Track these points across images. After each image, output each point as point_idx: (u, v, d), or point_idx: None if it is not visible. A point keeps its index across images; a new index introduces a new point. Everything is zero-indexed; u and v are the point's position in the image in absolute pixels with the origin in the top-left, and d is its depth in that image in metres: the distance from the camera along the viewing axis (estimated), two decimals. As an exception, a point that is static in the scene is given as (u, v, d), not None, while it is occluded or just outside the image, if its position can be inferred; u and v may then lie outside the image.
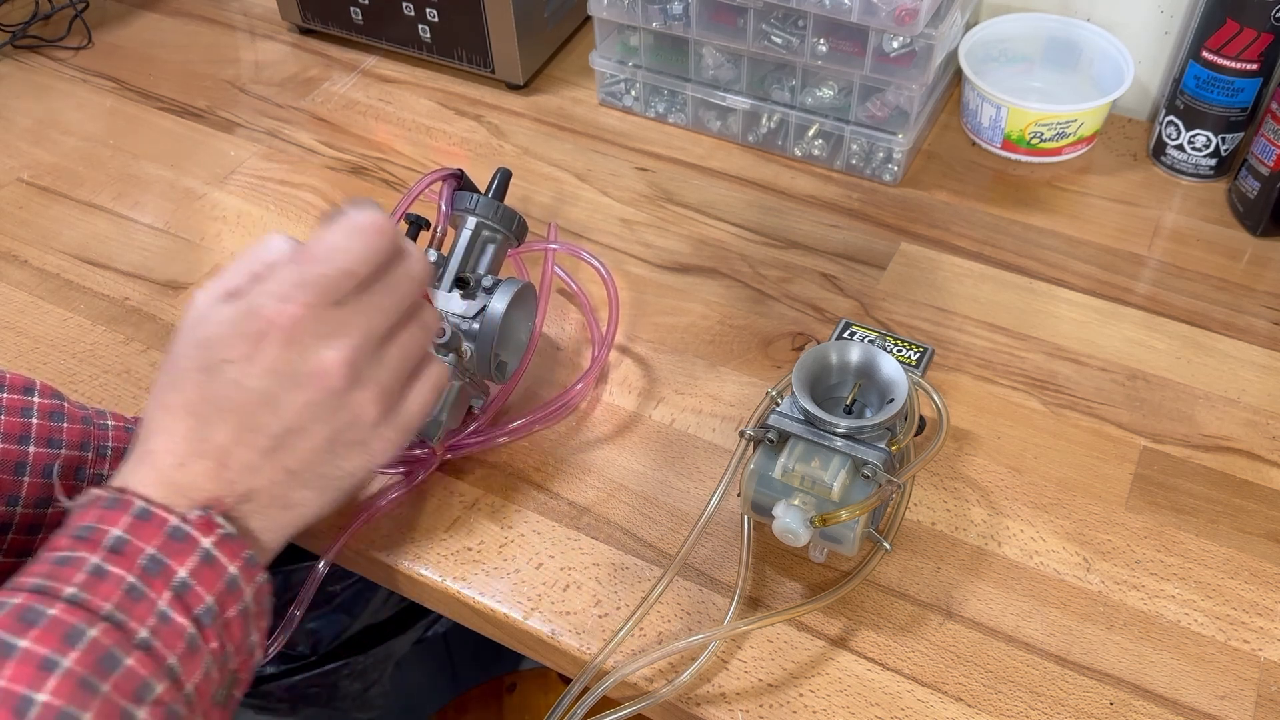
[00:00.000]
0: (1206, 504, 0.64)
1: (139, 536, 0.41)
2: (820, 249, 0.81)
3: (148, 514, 0.41)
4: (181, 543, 0.41)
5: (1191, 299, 0.76)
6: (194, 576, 0.41)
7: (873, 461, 0.55)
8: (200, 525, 0.42)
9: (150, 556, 0.40)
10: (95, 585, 0.39)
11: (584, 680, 0.56)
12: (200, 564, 0.41)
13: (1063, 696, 0.56)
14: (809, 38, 0.81)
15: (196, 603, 0.41)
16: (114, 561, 0.40)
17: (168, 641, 0.40)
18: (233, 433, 0.43)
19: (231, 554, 0.42)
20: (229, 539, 0.42)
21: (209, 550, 0.42)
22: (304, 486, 0.46)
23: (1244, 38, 0.77)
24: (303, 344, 0.43)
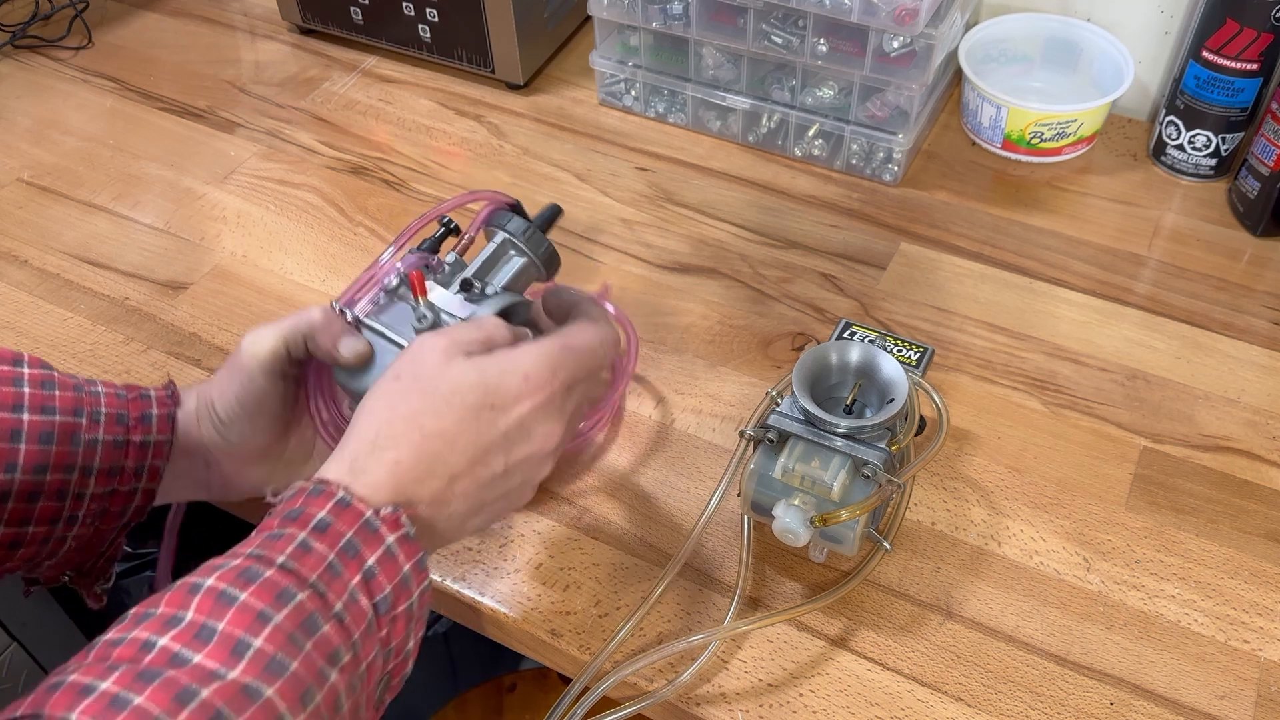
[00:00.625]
0: (1206, 504, 0.64)
1: (340, 520, 0.45)
2: (820, 249, 0.81)
3: (348, 503, 0.46)
4: (372, 533, 0.45)
5: (1191, 299, 0.76)
6: (378, 565, 0.45)
7: (873, 461, 0.55)
8: (388, 521, 0.46)
9: (348, 540, 0.45)
10: (302, 556, 0.44)
11: (584, 680, 0.56)
12: (384, 555, 0.45)
13: (1063, 696, 0.56)
14: (809, 38, 0.81)
15: (378, 590, 0.45)
16: (318, 539, 0.44)
17: (355, 618, 0.44)
18: (470, 464, 0.50)
19: (407, 553, 0.46)
20: (407, 539, 0.46)
21: (391, 545, 0.46)
22: (478, 514, 0.52)
23: (1244, 38, 0.77)
24: (550, 410, 0.52)
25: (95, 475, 0.56)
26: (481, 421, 0.50)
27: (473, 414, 0.50)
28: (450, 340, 0.52)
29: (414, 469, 0.48)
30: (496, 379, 0.51)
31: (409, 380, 0.51)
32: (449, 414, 0.50)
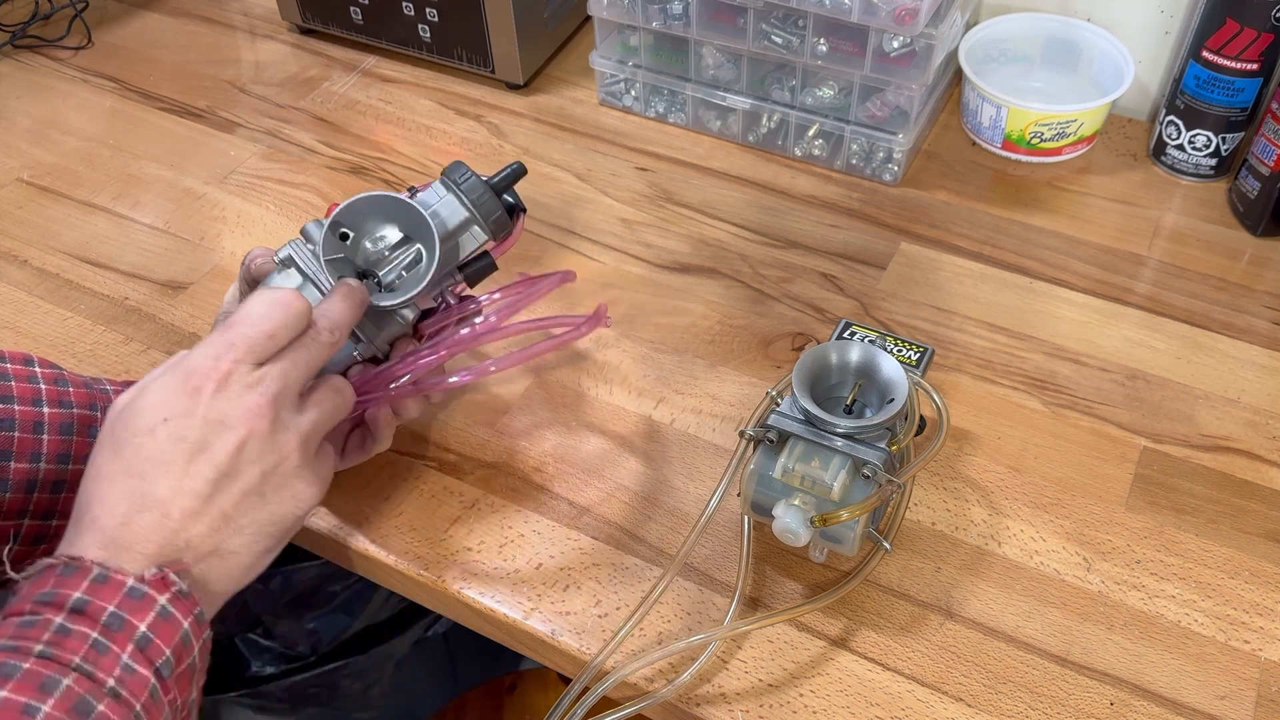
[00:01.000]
0: (1206, 504, 0.64)
1: (99, 597, 0.44)
2: (820, 249, 0.81)
3: (105, 577, 0.44)
4: (139, 600, 0.44)
5: (1191, 299, 0.76)
6: (153, 630, 0.44)
7: (873, 461, 0.55)
8: (155, 583, 0.45)
9: (111, 614, 0.43)
10: (62, 641, 0.42)
11: (584, 680, 0.56)
12: (158, 619, 0.44)
13: (1063, 696, 0.56)
14: (809, 38, 0.81)
15: (157, 655, 0.44)
16: (77, 620, 0.43)
17: (134, 690, 0.42)
18: (174, 483, 0.48)
19: (185, 610, 0.45)
20: (181, 596, 0.45)
21: (165, 606, 0.45)
22: (239, 533, 0.49)
23: (1244, 37, 0.77)
24: (232, 392, 0.49)
25: None
26: (159, 438, 0.48)
27: (148, 435, 0.48)
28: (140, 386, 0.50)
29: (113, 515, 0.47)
30: (159, 389, 0.49)
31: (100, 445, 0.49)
32: (127, 448, 0.48)
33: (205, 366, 0.49)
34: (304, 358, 0.53)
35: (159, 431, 0.48)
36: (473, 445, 0.68)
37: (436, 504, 0.65)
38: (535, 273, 0.64)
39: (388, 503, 0.65)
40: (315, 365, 0.54)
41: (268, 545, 0.51)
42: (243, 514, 0.50)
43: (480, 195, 0.60)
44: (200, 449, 0.48)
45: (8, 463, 0.54)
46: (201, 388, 0.49)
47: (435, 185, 0.61)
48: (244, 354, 0.50)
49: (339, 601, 1.04)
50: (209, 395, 0.49)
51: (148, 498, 0.47)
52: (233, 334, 0.51)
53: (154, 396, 0.49)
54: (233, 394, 0.49)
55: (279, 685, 1.05)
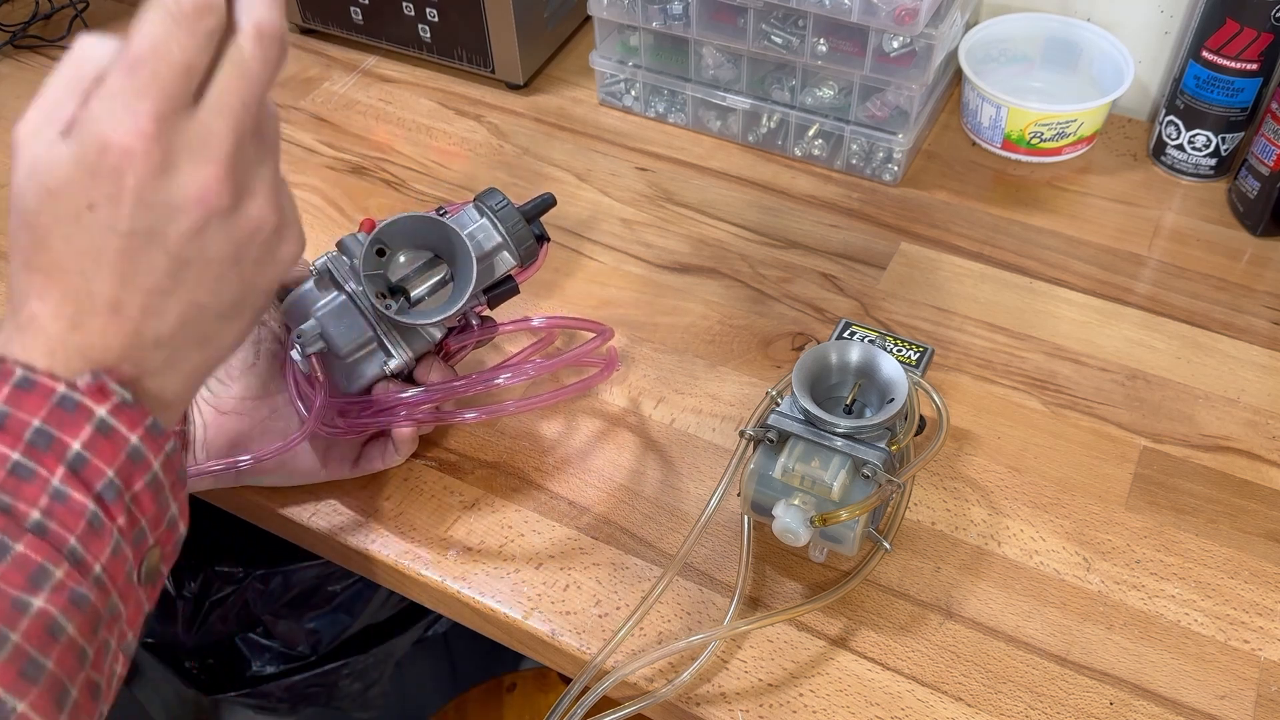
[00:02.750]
0: (1206, 504, 0.64)
1: (21, 408, 0.36)
2: (820, 249, 0.81)
3: (30, 383, 0.37)
4: (71, 413, 0.37)
5: (1191, 299, 0.76)
6: (89, 449, 0.37)
7: (873, 461, 0.55)
8: (91, 393, 0.37)
9: (36, 430, 0.36)
10: None
11: (584, 680, 0.56)
12: (95, 435, 0.37)
13: (1063, 696, 0.56)
14: (809, 38, 0.81)
15: (96, 478, 0.37)
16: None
17: (65, 521, 0.36)
18: (118, 280, 0.38)
19: (130, 422, 0.38)
20: (125, 406, 0.38)
21: (104, 419, 0.37)
22: (220, 318, 0.41)
23: (1244, 37, 0.77)
24: (168, 164, 0.38)
25: None
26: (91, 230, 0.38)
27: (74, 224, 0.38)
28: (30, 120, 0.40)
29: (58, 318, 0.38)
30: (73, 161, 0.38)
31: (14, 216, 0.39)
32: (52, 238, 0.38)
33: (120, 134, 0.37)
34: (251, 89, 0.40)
35: (87, 221, 0.38)
36: (473, 445, 0.68)
37: (436, 504, 0.65)
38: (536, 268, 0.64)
39: (388, 503, 0.65)
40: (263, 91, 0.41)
41: (247, 323, 0.43)
42: (219, 297, 0.41)
43: (515, 223, 0.62)
44: (147, 240, 0.38)
45: None
46: (123, 165, 0.37)
47: (469, 209, 0.63)
48: (164, 104, 0.38)
49: (339, 601, 1.04)
50: (139, 173, 0.38)
51: (95, 298, 0.38)
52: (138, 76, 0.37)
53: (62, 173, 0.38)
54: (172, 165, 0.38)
55: (279, 685, 1.05)
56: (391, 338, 0.60)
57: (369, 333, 0.60)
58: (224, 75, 0.39)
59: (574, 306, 0.77)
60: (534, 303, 0.77)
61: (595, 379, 0.67)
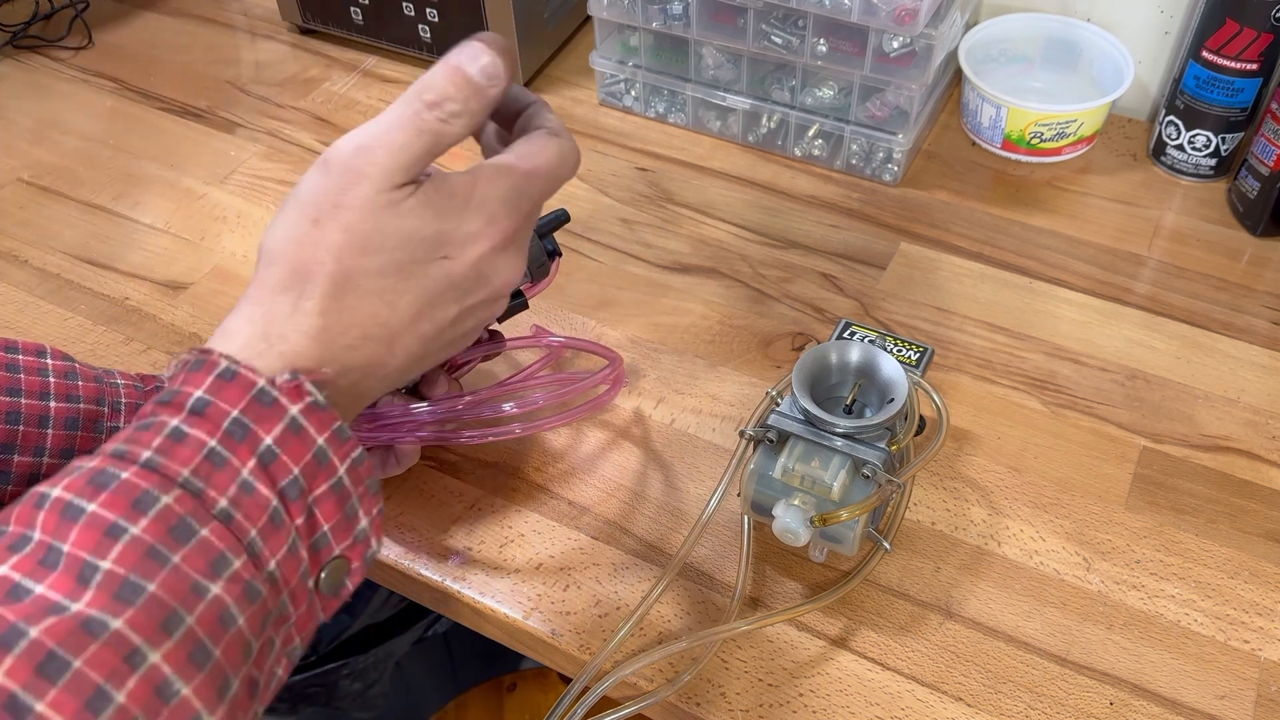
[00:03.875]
0: (1206, 504, 0.64)
1: (222, 398, 0.38)
2: (820, 249, 0.81)
3: (232, 374, 0.38)
4: (268, 407, 0.38)
5: (1191, 299, 0.76)
6: (280, 445, 0.38)
7: (873, 461, 0.55)
8: (288, 391, 0.39)
9: (235, 419, 0.38)
10: (173, 448, 0.37)
11: (584, 680, 0.56)
12: (286, 431, 0.38)
13: (1063, 696, 0.56)
14: (809, 38, 0.81)
15: (282, 474, 0.38)
16: (195, 424, 0.37)
17: (249, 513, 0.37)
18: (416, 321, 0.44)
19: (320, 424, 0.39)
20: (316, 408, 0.39)
21: (295, 417, 0.39)
22: (417, 366, 0.46)
23: (1244, 38, 0.77)
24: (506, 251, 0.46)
25: None
26: (431, 275, 0.43)
27: (420, 268, 0.43)
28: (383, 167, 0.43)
29: (346, 335, 0.42)
30: (453, 224, 0.44)
31: (335, 230, 0.42)
32: (394, 271, 0.42)
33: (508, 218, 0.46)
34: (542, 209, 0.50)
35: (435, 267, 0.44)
36: (472, 446, 0.68)
37: (436, 504, 0.65)
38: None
39: (388, 503, 0.65)
40: None
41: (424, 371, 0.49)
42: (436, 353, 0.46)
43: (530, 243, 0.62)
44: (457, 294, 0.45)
45: (11, 456, 0.54)
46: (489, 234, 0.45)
47: None
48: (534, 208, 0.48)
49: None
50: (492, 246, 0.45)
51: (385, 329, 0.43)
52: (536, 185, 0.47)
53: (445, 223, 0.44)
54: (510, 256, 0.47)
55: (279, 685, 1.05)
56: None
57: None
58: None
59: (574, 306, 0.77)
60: (534, 303, 0.77)
61: (603, 399, 0.66)
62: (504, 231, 0.46)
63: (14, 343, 0.58)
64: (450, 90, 0.44)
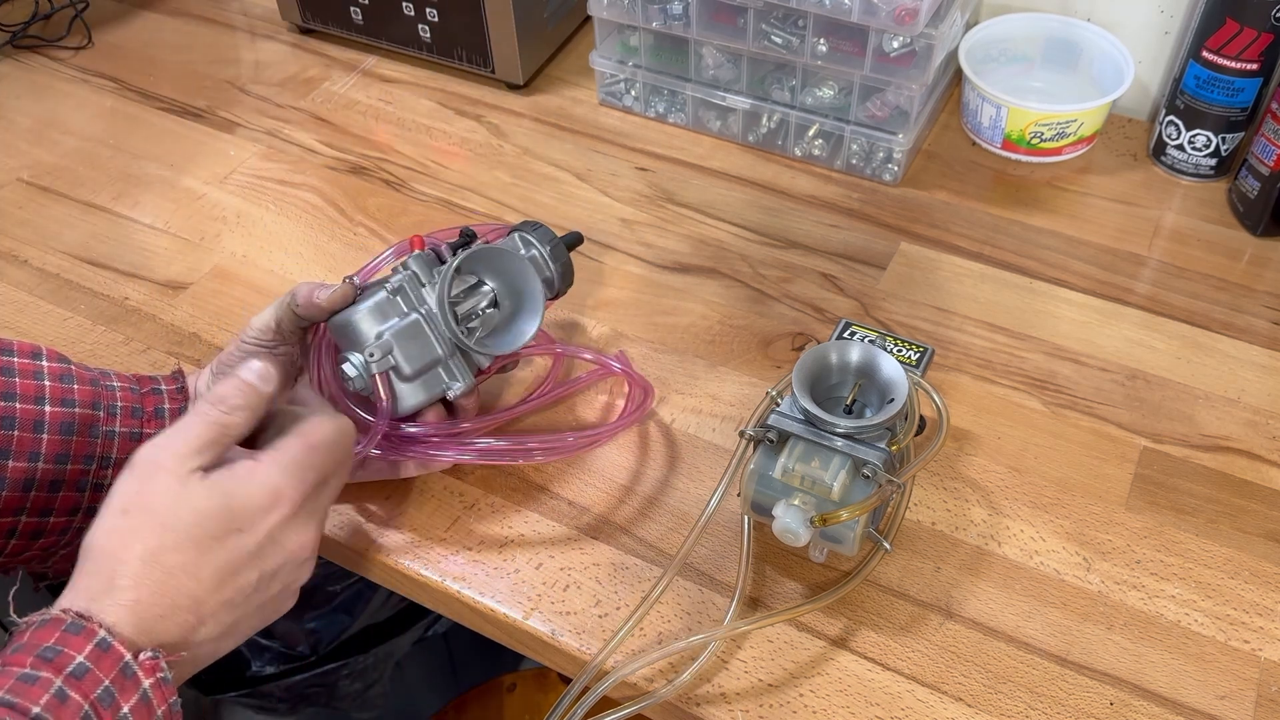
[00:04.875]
0: (1206, 504, 0.64)
1: (99, 666, 0.44)
2: (820, 249, 0.81)
3: (108, 645, 0.44)
4: (129, 679, 0.44)
5: (1191, 299, 0.76)
6: (133, 713, 0.44)
7: (873, 461, 0.55)
8: (146, 667, 0.45)
9: (105, 689, 0.44)
10: (59, 708, 0.42)
11: (584, 680, 0.56)
12: (139, 702, 0.44)
13: (1063, 696, 0.56)
14: (809, 38, 0.81)
15: None
16: (75, 687, 0.43)
17: None
18: (220, 591, 0.48)
19: (161, 697, 0.45)
20: (163, 683, 0.45)
21: (147, 690, 0.45)
22: (233, 635, 0.50)
23: (1244, 38, 0.77)
24: (299, 520, 0.51)
25: (113, 466, 0.58)
26: (228, 547, 0.48)
27: (217, 542, 0.48)
28: (176, 453, 0.49)
29: (155, 606, 0.46)
30: (242, 500, 0.49)
31: (140, 515, 0.48)
32: (190, 547, 0.48)
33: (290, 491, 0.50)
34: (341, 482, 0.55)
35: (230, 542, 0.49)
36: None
37: (436, 504, 0.65)
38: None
39: (388, 502, 0.65)
40: None
41: (246, 637, 0.52)
42: (250, 617, 0.51)
43: (564, 262, 0.65)
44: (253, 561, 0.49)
45: (6, 460, 0.54)
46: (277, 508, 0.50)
47: (516, 238, 0.64)
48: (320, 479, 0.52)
49: (339, 601, 1.04)
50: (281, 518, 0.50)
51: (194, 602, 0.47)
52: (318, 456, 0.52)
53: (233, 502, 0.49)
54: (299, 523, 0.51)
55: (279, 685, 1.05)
56: (456, 362, 0.61)
57: (438, 354, 0.60)
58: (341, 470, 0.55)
59: (574, 306, 0.77)
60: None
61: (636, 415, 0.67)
62: (292, 502, 0.50)
63: (9, 344, 0.57)
64: (231, 391, 0.51)
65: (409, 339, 0.59)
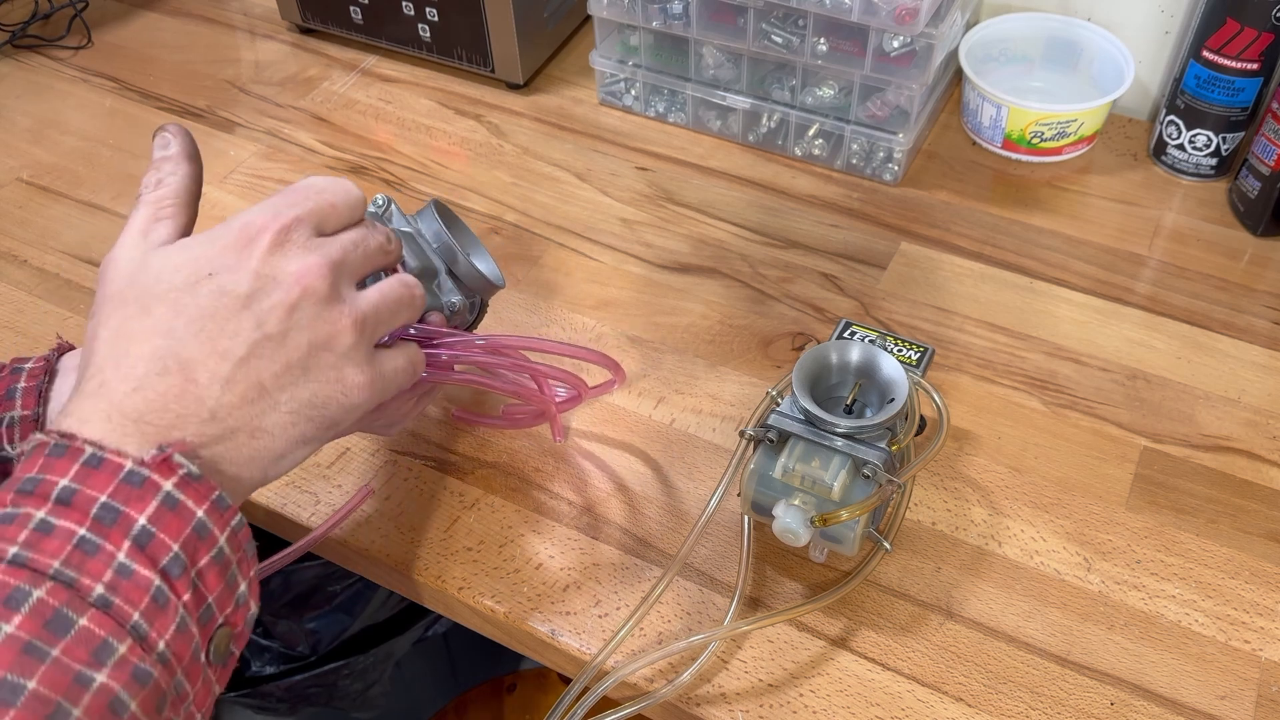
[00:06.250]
0: (1206, 504, 0.64)
1: (89, 485, 0.37)
2: (820, 249, 0.81)
3: (98, 460, 0.38)
4: (138, 487, 0.38)
5: (1192, 299, 0.76)
6: (155, 523, 0.38)
7: (873, 461, 0.55)
8: (158, 466, 0.38)
9: (103, 505, 0.37)
10: (40, 542, 0.36)
11: (584, 680, 0.56)
12: (161, 509, 0.38)
13: (1063, 696, 0.56)
14: (809, 37, 0.81)
15: (161, 552, 0.37)
16: (61, 514, 0.37)
17: (129, 596, 0.36)
18: (208, 341, 0.41)
19: (197, 496, 0.39)
20: (191, 480, 0.39)
21: (170, 493, 0.38)
22: (274, 409, 0.43)
23: (1244, 37, 0.77)
24: (289, 250, 0.44)
25: None
26: (201, 292, 0.42)
27: (186, 292, 0.42)
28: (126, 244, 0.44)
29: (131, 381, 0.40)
30: (207, 247, 0.43)
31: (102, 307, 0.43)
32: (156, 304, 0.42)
33: (263, 219, 0.44)
34: (365, 243, 0.48)
35: (202, 287, 0.42)
36: (473, 445, 0.68)
37: (436, 504, 0.65)
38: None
39: (388, 502, 0.65)
40: (374, 259, 0.48)
41: (306, 432, 0.44)
42: (281, 387, 0.43)
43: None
44: (245, 305, 0.42)
45: None
46: (256, 240, 0.43)
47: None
48: (306, 215, 0.45)
49: (339, 601, 1.04)
50: (264, 249, 0.43)
51: (171, 358, 0.41)
52: (294, 195, 0.46)
53: (197, 250, 0.43)
54: (291, 251, 0.44)
55: (279, 685, 1.05)
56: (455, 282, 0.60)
57: (435, 265, 0.60)
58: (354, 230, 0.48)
59: (574, 306, 0.76)
60: (533, 303, 0.77)
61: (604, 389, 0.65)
62: (266, 232, 0.44)
63: None
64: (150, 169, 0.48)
65: (409, 241, 0.59)
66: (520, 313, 0.76)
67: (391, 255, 0.50)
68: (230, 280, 0.43)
